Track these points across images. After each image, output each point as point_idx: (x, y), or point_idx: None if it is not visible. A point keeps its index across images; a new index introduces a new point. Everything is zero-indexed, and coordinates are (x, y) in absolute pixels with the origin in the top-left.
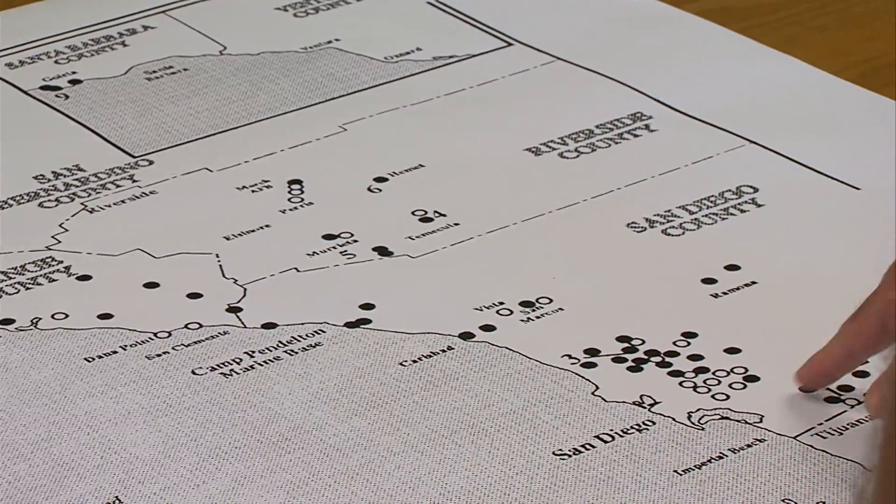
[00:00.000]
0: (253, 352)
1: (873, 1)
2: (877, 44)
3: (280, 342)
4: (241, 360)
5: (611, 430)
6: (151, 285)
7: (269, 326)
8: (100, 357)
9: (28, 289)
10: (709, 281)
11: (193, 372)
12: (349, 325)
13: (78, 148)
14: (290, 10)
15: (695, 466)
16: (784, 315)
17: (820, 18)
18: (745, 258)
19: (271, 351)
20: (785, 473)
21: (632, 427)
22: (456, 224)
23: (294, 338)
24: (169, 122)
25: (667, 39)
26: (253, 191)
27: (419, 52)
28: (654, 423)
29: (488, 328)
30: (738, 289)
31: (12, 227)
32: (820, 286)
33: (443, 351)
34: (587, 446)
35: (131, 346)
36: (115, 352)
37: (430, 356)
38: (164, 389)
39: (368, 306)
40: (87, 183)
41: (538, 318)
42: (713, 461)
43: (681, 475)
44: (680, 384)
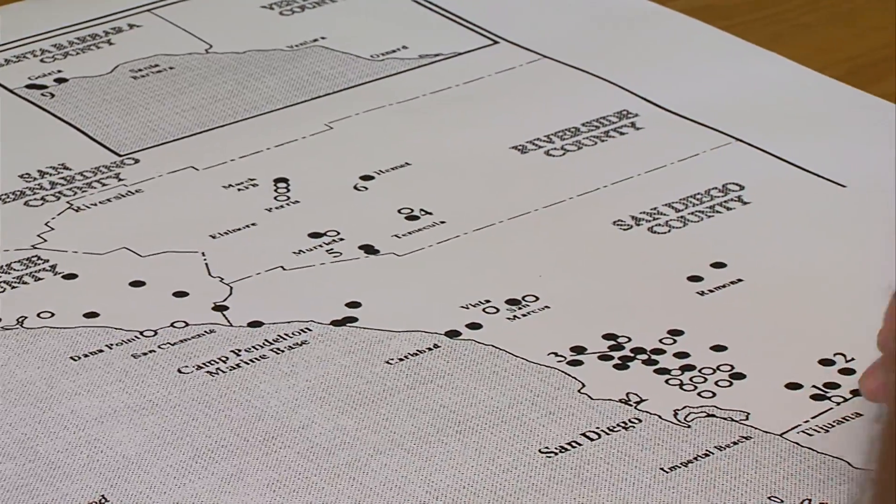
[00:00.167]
0: (239, 350)
1: None
2: (862, 41)
3: (266, 341)
4: (228, 359)
5: (597, 428)
6: (137, 284)
7: (256, 325)
8: (86, 356)
9: (14, 287)
10: (695, 279)
11: (179, 370)
12: (335, 324)
13: (64, 146)
14: (276, 9)
15: (681, 464)
16: (770, 312)
17: (805, 16)
18: (732, 256)
19: (257, 349)
20: (771, 471)
21: (618, 425)
22: (442, 222)
23: (280, 336)
24: (155, 121)
25: (652, 37)
26: (239, 189)
27: (405, 51)
28: (641, 421)
29: (474, 326)
30: (725, 286)
31: None
32: (806, 283)
33: (429, 349)
34: (573, 444)
35: (117, 345)
36: (102, 350)
37: (417, 354)
38: (151, 388)
39: (355, 304)
40: (73, 181)
41: (524, 316)
42: (699, 459)
43: (667, 473)
44: (666, 382)
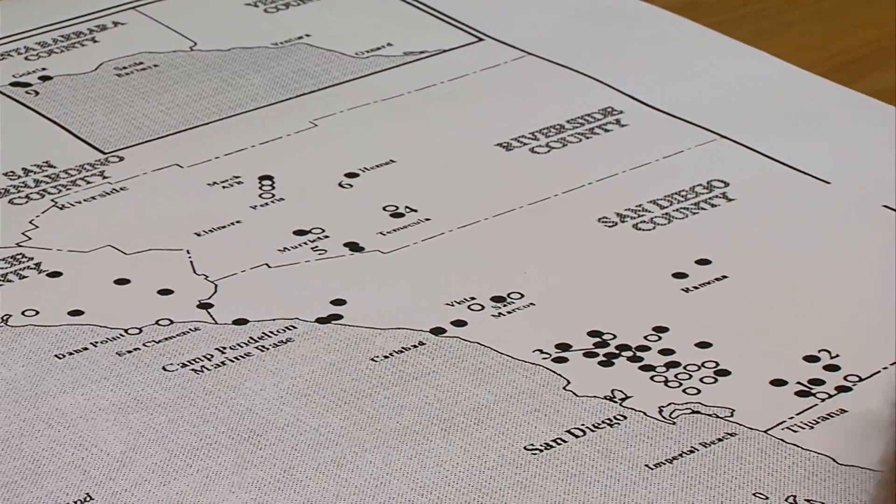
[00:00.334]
0: (224, 348)
1: None
2: (847, 38)
3: (251, 338)
4: (213, 357)
5: (582, 425)
6: (122, 282)
7: (241, 322)
8: (70, 354)
9: None
10: (680, 275)
11: (164, 368)
12: (320, 321)
13: (48, 144)
14: (261, 6)
15: (666, 461)
16: (755, 309)
17: (790, 13)
18: (716, 252)
19: (242, 347)
20: (756, 467)
21: (603, 422)
22: (427, 219)
23: (265, 334)
24: (139, 119)
25: (637, 34)
26: (224, 187)
27: (390, 48)
28: (626, 418)
29: (459, 323)
30: (710, 283)
31: None
32: (791, 280)
33: (414, 346)
34: (558, 441)
35: (102, 343)
36: (86, 348)
37: (402, 352)
38: (135, 386)
39: (340, 302)
40: (58, 179)
41: (509, 313)
42: (684, 455)
43: (652, 469)
44: (651, 378)
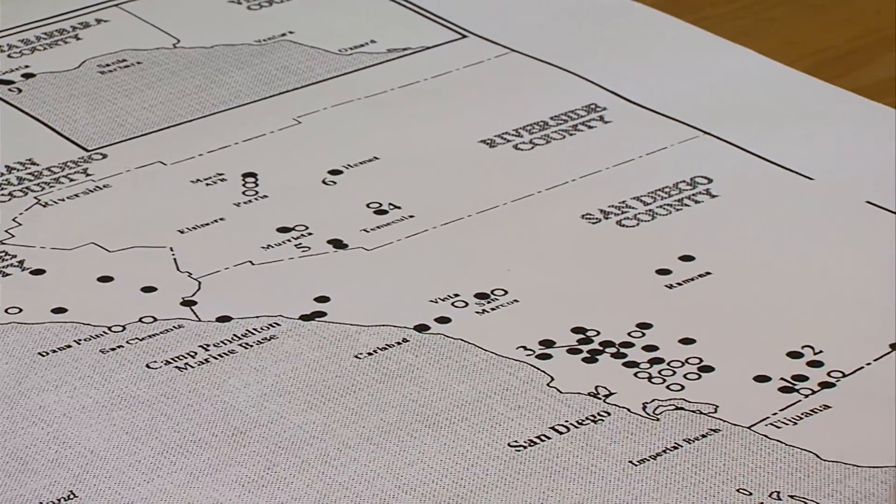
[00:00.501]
0: (208, 345)
1: None
2: (829, 35)
3: (235, 335)
4: (196, 354)
5: (566, 422)
6: (105, 279)
7: (224, 320)
8: (54, 351)
9: None
10: (663, 272)
11: (148, 366)
12: (304, 318)
13: (31, 142)
14: (244, 3)
15: (650, 457)
16: (738, 305)
17: (773, 9)
18: (700, 249)
19: (226, 344)
20: (740, 463)
21: (587, 418)
22: (411, 216)
23: (249, 331)
24: (122, 116)
25: (620, 31)
26: (207, 184)
27: (373, 45)
28: (610, 414)
29: (443, 320)
30: (693, 279)
31: None
32: (774, 276)
33: (398, 343)
34: (542, 437)
35: (85, 341)
36: (70, 346)
37: (386, 349)
38: (119, 383)
39: (323, 299)
40: (41, 177)
41: (493, 310)
42: (668, 451)
43: (636, 466)
44: (635, 375)
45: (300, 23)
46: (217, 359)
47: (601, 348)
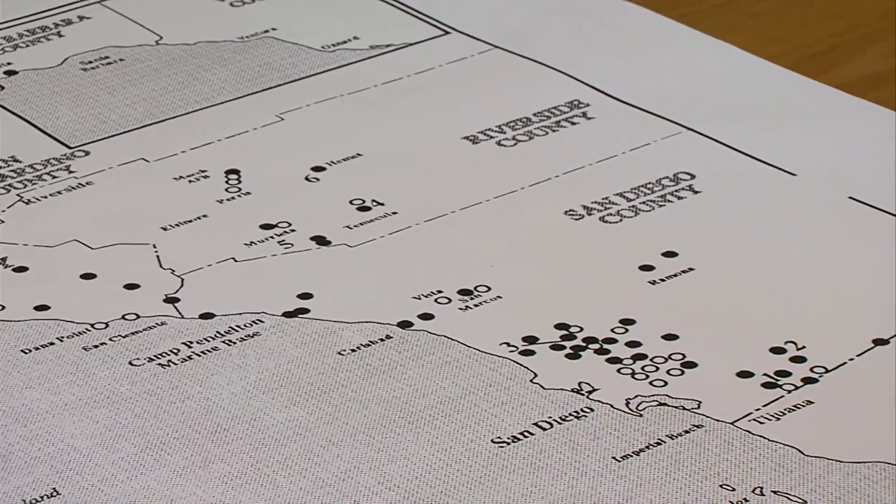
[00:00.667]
0: (191, 342)
1: None
2: (812, 31)
3: (218, 332)
4: (179, 351)
5: (549, 418)
6: (88, 276)
7: (207, 317)
8: (37, 349)
9: None
10: (646, 268)
11: (131, 363)
12: (287, 315)
13: (14, 139)
14: (226, 0)
15: (633, 453)
16: (721, 301)
17: (756, 5)
18: (683, 245)
19: (209, 341)
20: (723, 459)
21: (570, 414)
22: (394, 213)
23: (232, 328)
24: (105, 113)
25: (603, 27)
26: (190, 181)
27: (356, 41)
28: (593, 410)
29: (427, 317)
30: (676, 275)
31: None
32: (757, 272)
33: (381, 340)
34: (526, 433)
35: (68, 338)
36: (52, 343)
37: (369, 345)
38: (102, 381)
39: (306, 296)
40: (23, 174)
41: (476, 307)
42: (651, 447)
43: (619, 462)
44: (618, 371)
45: (283, 19)
46: (200, 356)
47: (584, 344)
